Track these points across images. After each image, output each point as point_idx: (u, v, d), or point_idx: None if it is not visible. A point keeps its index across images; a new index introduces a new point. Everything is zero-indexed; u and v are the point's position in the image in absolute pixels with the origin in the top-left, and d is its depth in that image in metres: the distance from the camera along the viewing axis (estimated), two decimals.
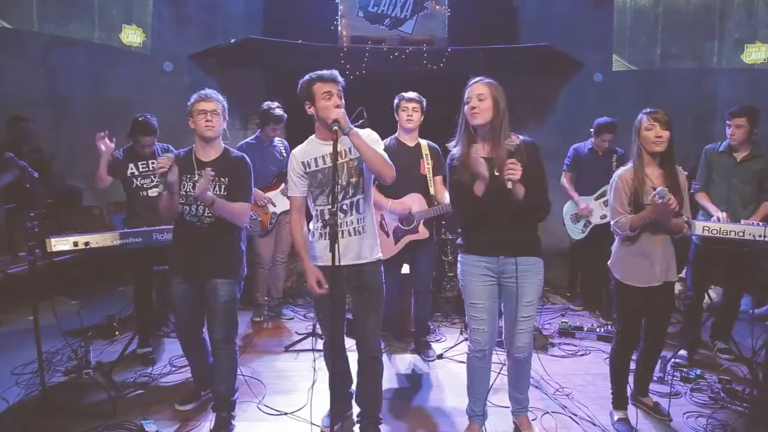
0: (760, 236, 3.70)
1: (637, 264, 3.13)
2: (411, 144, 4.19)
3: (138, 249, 3.77)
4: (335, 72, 2.87)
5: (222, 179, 3.11)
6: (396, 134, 4.21)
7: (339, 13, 7.18)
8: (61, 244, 3.52)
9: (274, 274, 5.21)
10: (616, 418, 3.35)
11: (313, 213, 3.01)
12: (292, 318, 5.28)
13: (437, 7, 7.27)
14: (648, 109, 3.10)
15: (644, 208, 3.03)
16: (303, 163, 2.92)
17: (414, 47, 7.03)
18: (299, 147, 3.01)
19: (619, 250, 3.23)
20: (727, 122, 4.17)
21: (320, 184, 2.92)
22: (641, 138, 3.08)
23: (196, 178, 3.08)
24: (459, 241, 3.02)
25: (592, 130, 5.31)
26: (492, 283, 2.88)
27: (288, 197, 3.04)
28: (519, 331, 2.89)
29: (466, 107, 2.79)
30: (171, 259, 3.29)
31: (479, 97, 2.75)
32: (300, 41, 6.85)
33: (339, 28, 7.18)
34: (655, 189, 2.93)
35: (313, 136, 2.99)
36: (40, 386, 3.46)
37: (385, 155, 2.84)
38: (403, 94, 4.17)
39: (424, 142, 4.24)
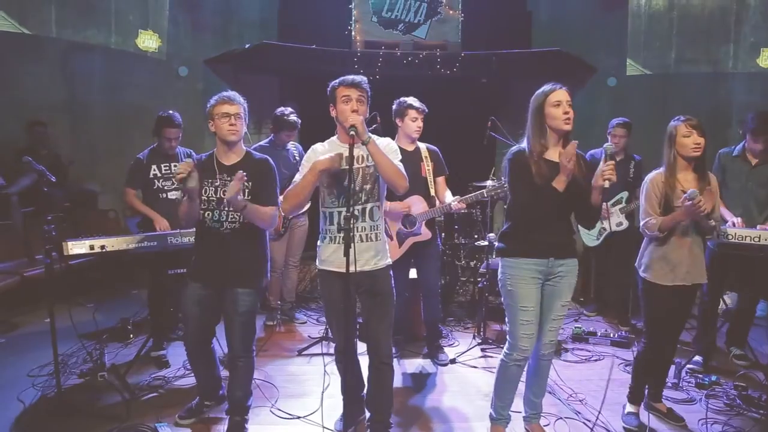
0: None
1: (664, 263, 3.18)
2: (410, 148, 4.20)
3: (153, 252, 3.81)
4: (359, 78, 2.89)
5: (246, 183, 3.03)
6: (396, 139, 4.20)
7: (353, 18, 7.20)
8: (77, 247, 3.56)
9: (287, 278, 5.23)
10: (626, 410, 3.40)
11: (321, 213, 3.02)
12: (305, 322, 5.30)
13: (451, 12, 7.27)
14: (682, 117, 3.17)
15: (674, 211, 3.09)
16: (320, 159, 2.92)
17: (427, 52, 7.04)
18: (320, 144, 3.03)
19: (648, 251, 3.27)
20: (753, 138, 4.14)
21: (330, 185, 2.93)
22: (678, 145, 3.14)
23: (218, 183, 3.06)
24: (500, 245, 3.00)
25: (608, 133, 5.25)
26: (539, 286, 2.92)
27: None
28: (549, 330, 2.97)
29: (556, 111, 2.80)
30: (191, 263, 3.24)
31: (569, 103, 2.84)
32: (314, 46, 6.88)
33: (353, 33, 7.20)
34: (685, 191, 3.01)
35: (335, 137, 3.01)
36: (55, 388, 3.50)
37: (401, 166, 2.85)
38: (411, 102, 4.14)
39: (422, 146, 4.26)
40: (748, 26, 7.12)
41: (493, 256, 4.64)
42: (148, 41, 6.94)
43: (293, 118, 4.87)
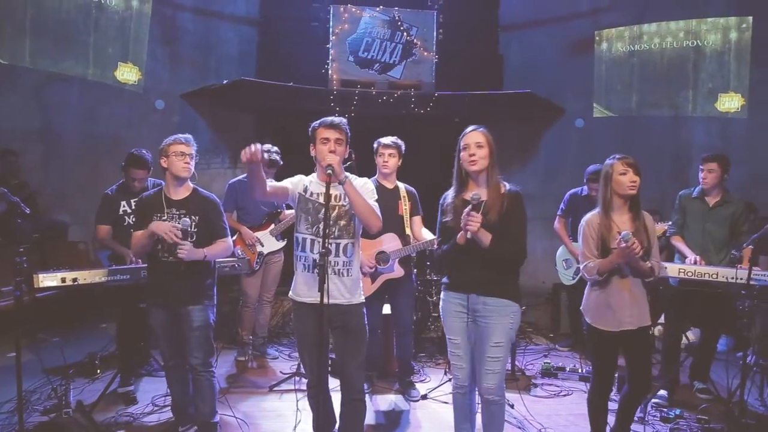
0: (732, 278, 3.83)
1: (606, 308, 3.17)
2: (390, 186, 4.32)
3: (124, 286, 3.80)
4: (339, 120, 3.00)
5: (193, 217, 3.34)
6: (376, 176, 4.32)
7: (330, 57, 7.38)
8: (48, 279, 3.54)
9: (261, 313, 5.21)
10: None
11: (294, 238, 3.08)
12: (277, 357, 5.27)
13: (425, 53, 7.51)
14: (617, 155, 3.19)
15: (611, 253, 3.09)
16: (305, 187, 3.06)
17: (402, 92, 7.24)
18: (307, 176, 3.13)
19: (590, 295, 3.28)
20: (700, 167, 4.37)
21: (307, 212, 3.01)
22: (614, 182, 3.14)
23: (166, 217, 3.32)
24: (444, 279, 3.12)
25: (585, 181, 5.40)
26: (466, 320, 2.96)
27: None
28: (486, 371, 2.89)
29: (463, 154, 2.93)
30: (147, 292, 3.48)
31: (478, 144, 2.90)
32: (291, 83, 7.02)
33: (330, 71, 7.37)
34: (621, 233, 3.01)
35: (314, 174, 3.12)
36: (17, 426, 3.40)
37: (376, 207, 2.96)
38: (381, 139, 4.31)
39: (401, 185, 4.38)
40: (705, 73, 7.49)
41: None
42: (127, 74, 7.00)
43: (275, 156, 4.93)
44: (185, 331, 3.33)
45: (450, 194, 3.04)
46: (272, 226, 5.03)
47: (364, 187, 3.02)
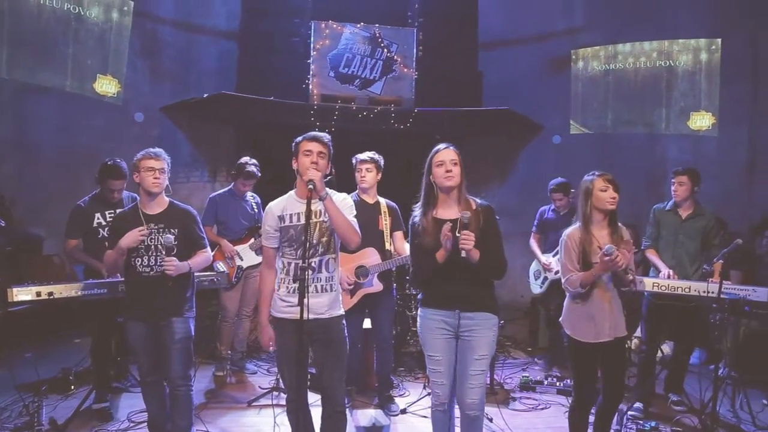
0: (704, 292, 3.93)
1: (587, 320, 3.23)
2: (371, 201, 4.34)
3: (102, 300, 3.75)
4: (323, 134, 3.02)
5: (172, 230, 3.34)
6: (357, 191, 4.35)
7: (311, 72, 7.43)
8: (23, 294, 3.49)
9: (240, 328, 5.18)
10: None
11: (278, 264, 3.10)
12: (255, 372, 5.22)
13: (405, 70, 7.60)
14: (597, 172, 3.28)
15: (592, 266, 3.16)
16: (279, 217, 3.04)
17: (382, 107, 7.30)
18: (277, 201, 3.12)
19: (570, 307, 3.34)
20: (672, 180, 4.52)
21: (290, 239, 3.02)
22: (595, 198, 3.23)
23: (145, 231, 3.30)
24: (420, 295, 3.12)
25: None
26: (449, 336, 2.96)
27: (262, 247, 3.16)
28: (470, 386, 2.91)
29: (439, 170, 2.95)
30: (125, 306, 3.44)
31: (453, 161, 2.94)
32: (271, 98, 7.04)
33: (310, 86, 7.42)
34: (601, 247, 3.09)
35: (293, 191, 3.10)
36: None
37: (355, 223, 2.98)
38: (359, 155, 4.34)
39: (382, 201, 4.41)
40: (677, 92, 7.70)
41: None
42: (106, 86, 6.95)
43: (251, 169, 4.93)
44: (166, 343, 3.31)
45: (418, 214, 3.04)
46: (252, 240, 5.01)
47: (343, 202, 3.04)
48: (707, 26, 7.49)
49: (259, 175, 5.01)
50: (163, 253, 3.26)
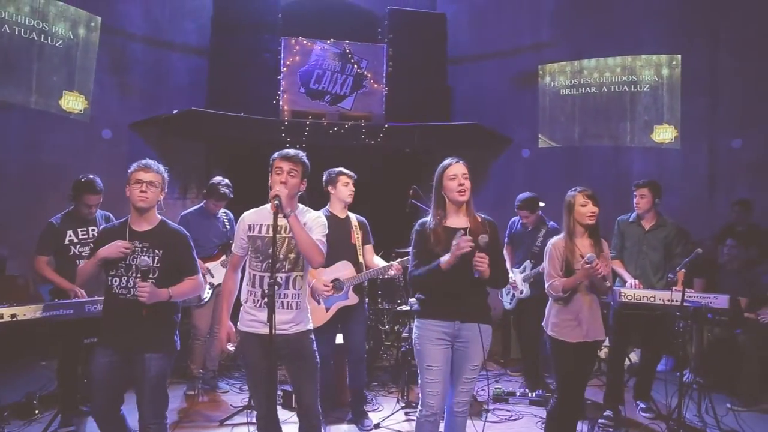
0: (668, 301, 4.03)
1: (571, 321, 3.41)
2: (342, 216, 4.37)
3: (69, 321, 3.68)
4: (295, 152, 3.05)
5: (157, 251, 3.05)
6: (328, 206, 4.36)
7: (281, 88, 7.44)
8: None
9: (212, 346, 5.12)
10: None
11: (246, 274, 3.12)
12: (228, 391, 5.16)
13: (375, 85, 7.67)
14: (578, 188, 3.51)
15: (574, 273, 3.37)
16: (249, 225, 3.09)
17: (353, 123, 7.34)
18: (252, 210, 3.16)
19: (553, 310, 3.51)
20: (634, 192, 4.63)
21: (257, 250, 3.06)
22: (576, 213, 3.46)
23: (128, 249, 3.05)
24: (416, 307, 3.19)
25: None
26: (447, 346, 3.04)
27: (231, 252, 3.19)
28: (461, 391, 3.08)
29: (452, 183, 3.05)
30: (101, 329, 3.15)
31: (464, 176, 3.06)
32: (242, 114, 7.03)
33: (281, 102, 7.42)
34: (583, 256, 3.32)
35: (268, 204, 3.09)
36: None
37: (322, 242, 3.01)
38: (341, 169, 4.37)
39: (352, 215, 4.44)
40: (641, 106, 7.92)
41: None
42: (73, 102, 6.86)
43: (224, 190, 4.95)
44: (139, 379, 2.99)
45: (430, 221, 3.13)
46: (223, 257, 4.98)
47: (316, 221, 3.07)
48: (668, 42, 7.74)
49: (232, 196, 5.02)
50: (139, 276, 2.97)
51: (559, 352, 3.47)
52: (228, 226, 5.07)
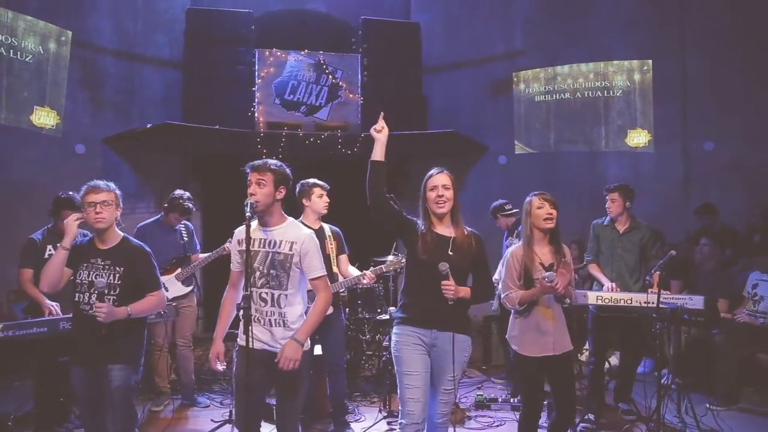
0: (645, 303, 4.07)
1: (531, 334, 3.32)
2: (316, 227, 4.32)
3: (42, 339, 3.61)
4: (261, 162, 3.00)
5: (117, 268, 3.10)
6: (301, 218, 4.31)
7: (256, 100, 7.42)
8: None
9: (182, 360, 5.03)
10: None
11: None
12: (208, 406, 5.06)
13: (350, 95, 7.68)
14: (536, 192, 3.43)
15: (533, 283, 3.28)
16: (238, 240, 3.04)
17: (329, 133, 7.34)
18: (240, 228, 3.08)
19: (515, 323, 3.42)
20: (606, 197, 4.67)
21: (243, 264, 2.95)
22: (533, 216, 3.36)
23: (88, 266, 3.11)
24: (396, 313, 3.14)
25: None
26: (423, 353, 2.99)
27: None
28: (441, 402, 3.03)
29: (431, 194, 3.03)
30: (70, 346, 3.24)
31: (445, 186, 3.02)
32: (217, 126, 6.99)
33: (256, 114, 7.40)
34: (543, 265, 3.25)
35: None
36: None
37: (323, 278, 3.01)
38: (315, 181, 4.33)
39: (326, 226, 4.42)
40: (615, 111, 8.04)
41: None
42: (44, 118, 6.75)
43: (188, 205, 4.90)
44: (105, 391, 3.04)
45: (421, 224, 3.08)
46: (179, 270, 4.91)
47: (307, 244, 2.98)
48: (638, 48, 7.87)
49: (194, 209, 5.00)
50: (95, 294, 3.00)
51: (523, 367, 3.38)
52: (186, 238, 5.01)
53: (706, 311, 4.18)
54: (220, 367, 3.05)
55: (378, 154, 3.00)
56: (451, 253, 2.97)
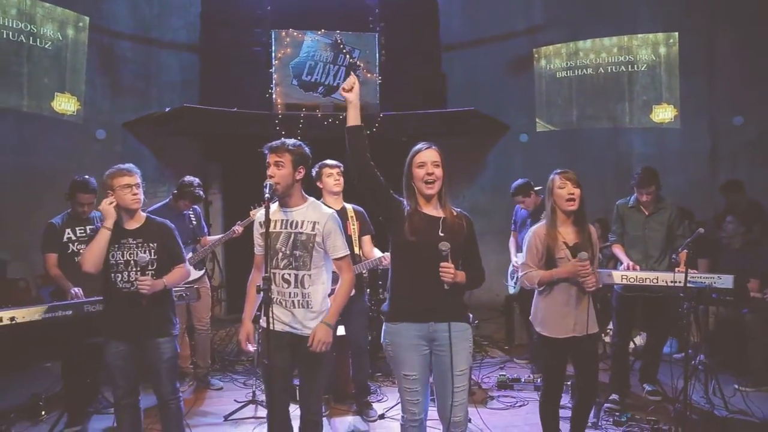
0: (671, 282, 3.98)
1: (556, 316, 3.25)
2: (337, 207, 4.29)
3: (68, 321, 3.67)
4: (279, 142, 2.95)
5: (150, 244, 3.28)
6: (321, 200, 4.29)
7: (273, 81, 7.37)
8: None
9: (199, 343, 5.09)
10: None
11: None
12: (221, 388, 5.11)
13: (369, 75, 7.59)
14: (558, 170, 3.31)
15: (555, 264, 3.19)
16: (260, 223, 3.02)
17: (347, 113, 7.27)
18: (261, 212, 3.05)
19: (539, 304, 3.35)
20: (639, 190, 4.51)
21: (268, 247, 2.92)
22: (555, 196, 3.26)
23: (120, 247, 3.25)
24: (384, 307, 2.88)
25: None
26: (422, 351, 2.74)
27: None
28: (454, 404, 2.72)
29: (419, 172, 2.75)
30: (105, 324, 3.32)
31: (435, 163, 2.74)
32: (235, 109, 6.97)
33: (274, 96, 7.35)
34: (567, 245, 3.16)
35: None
36: None
37: (347, 257, 2.97)
38: (324, 161, 4.29)
39: (349, 206, 4.39)
40: (639, 86, 7.84)
41: None
42: (65, 104, 6.81)
43: (198, 192, 4.94)
44: (154, 363, 3.26)
45: (405, 204, 2.81)
46: (189, 254, 4.93)
47: (329, 225, 2.94)
48: (664, 20, 7.65)
49: (204, 196, 5.06)
50: (138, 270, 3.19)
51: (546, 348, 3.31)
52: (195, 222, 5.04)
53: (735, 290, 4.06)
54: (251, 348, 3.09)
55: (352, 118, 2.70)
56: (442, 235, 2.69)
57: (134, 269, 3.21)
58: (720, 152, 7.42)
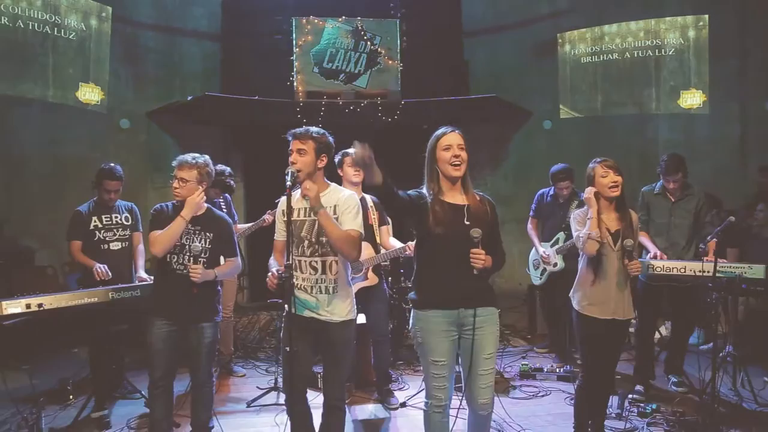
0: (700, 272, 3.89)
1: (601, 295, 3.27)
2: (359, 196, 4.28)
3: (95, 308, 3.74)
4: (303, 129, 2.95)
5: (207, 234, 3.40)
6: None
7: (294, 69, 7.36)
8: (12, 306, 3.47)
9: (223, 331, 5.10)
10: None
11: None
12: (244, 375, 5.16)
13: (390, 62, 7.53)
14: (599, 159, 3.34)
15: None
16: (283, 210, 2.98)
17: (369, 101, 7.24)
18: (283, 198, 3.03)
19: (581, 285, 3.37)
20: (665, 178, 4.43)
21: (293, 235, 2.94)
22: (597, 185, 3.31)
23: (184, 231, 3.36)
24: (412, 295, 2.91)
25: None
26: (454, 337, 2.78)
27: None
28: (481, 387, 2.76)
29: (444, 154, 2.74)
30: (155, 302, 3.44)
31: (460, 146, 2.74)
32: (256, 97, 6.99)
33: (295, 83, 7.35)
34: (609, 231, 3.24)
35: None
36: None
37: (354, 234, 2.83)
38: (346, 150, 4.23)
39: (368, 196, 4.36)
40: (667, 71, 7.63)
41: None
42: (90, 94, 6.87)
43: (230, 181, 5.01)
44: (196, 347, 3.36)
45: (426, 194, 2.80)
46: None
47: (347, 202, 2.91)
48: (693, 2, 7.43)
49: (234, 185, 5.10)
50: (191, 257, 3.32)
51: (585, 328, 3.34)
52: (225, 210, 5.06)
53: (766, 281, 3.96)
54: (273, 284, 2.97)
55: (369, 177, 2.61)
56: (467, 223, 2.69)
57: (188, 254, 3.34)
58: (750, 138, 7.22)
